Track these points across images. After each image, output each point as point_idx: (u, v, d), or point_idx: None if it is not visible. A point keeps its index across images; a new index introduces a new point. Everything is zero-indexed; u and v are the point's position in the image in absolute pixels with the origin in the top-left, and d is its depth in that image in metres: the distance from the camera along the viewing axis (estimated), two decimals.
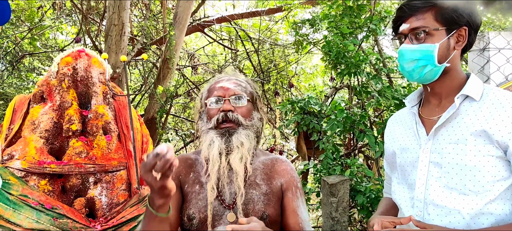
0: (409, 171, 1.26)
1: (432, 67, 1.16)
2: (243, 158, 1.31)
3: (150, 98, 4.85)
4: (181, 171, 1.41)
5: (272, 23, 7.19)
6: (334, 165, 3.29)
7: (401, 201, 1.27)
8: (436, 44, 1.15)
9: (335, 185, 2.95)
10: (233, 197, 1.31)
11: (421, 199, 1.19)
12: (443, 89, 1.22)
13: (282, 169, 1.43)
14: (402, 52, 1.21)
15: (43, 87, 2.83)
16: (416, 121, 1.28)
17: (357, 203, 3.20)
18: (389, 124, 1.45)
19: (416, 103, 1.33)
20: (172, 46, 4.50)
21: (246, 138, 1.33)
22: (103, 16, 5.07)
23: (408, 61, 1.19)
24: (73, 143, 2.69)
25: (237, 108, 1.36)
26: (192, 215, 1.31)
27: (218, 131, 1.33)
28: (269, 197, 1.35)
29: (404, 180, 1.28)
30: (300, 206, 1.38)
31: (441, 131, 1.19)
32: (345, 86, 4.19)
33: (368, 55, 3.33)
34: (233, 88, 1.38)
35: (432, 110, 1.26)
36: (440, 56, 1.16)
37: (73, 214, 2.50)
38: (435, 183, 1.17)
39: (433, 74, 1.18)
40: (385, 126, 3.25)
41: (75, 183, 2.64)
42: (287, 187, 1.39)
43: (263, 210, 1.32)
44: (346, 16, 3.18)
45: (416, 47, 1.17)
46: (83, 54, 2.87)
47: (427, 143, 1.21)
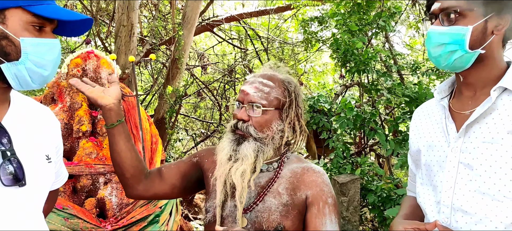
0: (435, 171, 1.12)
1: (463, 53, 1.02)
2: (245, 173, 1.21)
3: (160, 98, 4.87)
4: (207, 158, 1.40)
5: (281, 22, 7.16)
6: (345, 164, 3.26)
7: (426, 205, 1.14)
8: (469, 27, 1.00)
9: (345, 184, 2.92)
10: (251, 202, 1.26)
11: (448, 204, 1.06)
12: (478, 79, 1.07)
13: (311, 180, 1.27)
14: (429, 35, 1.08)
15: (54, 88, 2.86)
16: (445, 115, 1.13)
17: (368, 202, 3.17)
18: (415, 117, 1.29)
19: (446, 94, 1.17)
20: (181, 46, 4.51)
21: (253, 151, 1.23)
22: (113, 17, 5.11)
23: (434, 45, 1.06)
24: (83, 144, 2.72)
25: (252, 117, 1.25)
26: (208, 208, 1.31)
27: (233, 136, 1.29)
28: (288, 209, 1.23)
29: (429, 181, 1.15)
30: (326, 224, 1.21)
31: (473, 127, 1.04)
32: (355, 84, 4.14)
33: (377, 52, 3.28)
34: (252, 94, 1.26)
35: (464, 103, 1.11)
36: (474, 40, 1.01)
37: (84, 215, 2.52)
38: (464, 186, 1.04)
39: (464, 61, 1.04)
40: (396, 124, 3.22)
41: (86, 184, 2.66)
42: (312, 201, 1.23)
43: (279, 221, 1.22)
44: (355, 13, 3.14)
45: (445, 30, 1.03)
46: (92, 55, 2.89)
47: (457, 141, 1.07)
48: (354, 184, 2.93)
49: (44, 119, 1.18)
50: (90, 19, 1.11)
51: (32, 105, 1.17)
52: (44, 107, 1.23)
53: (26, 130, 1.08)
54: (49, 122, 1.20)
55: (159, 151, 3.17)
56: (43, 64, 1.01)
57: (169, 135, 4.66)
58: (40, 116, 1.17)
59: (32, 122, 1.12)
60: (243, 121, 1.26)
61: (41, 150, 1.11)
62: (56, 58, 1.05)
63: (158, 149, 3.14)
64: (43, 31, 1.02)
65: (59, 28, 1.09)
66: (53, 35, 1.06)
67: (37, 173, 1.07)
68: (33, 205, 1.07)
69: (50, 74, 1.05)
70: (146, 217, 2.67)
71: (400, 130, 3.28)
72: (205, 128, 7.34)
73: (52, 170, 1.14)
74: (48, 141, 1.15)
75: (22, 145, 1.05)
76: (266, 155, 1.27)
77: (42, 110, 1.20)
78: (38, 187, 1.08)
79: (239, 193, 1.21)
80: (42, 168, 1.10)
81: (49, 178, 1.13)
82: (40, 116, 1.17)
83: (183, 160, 1.45)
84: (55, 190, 1.34)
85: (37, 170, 1.07)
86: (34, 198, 1.07)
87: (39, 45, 1.00)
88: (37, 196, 1.08)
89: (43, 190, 1.11)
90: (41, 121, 1.16)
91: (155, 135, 3.17)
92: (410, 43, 6.09)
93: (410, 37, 6.17)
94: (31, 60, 0.99)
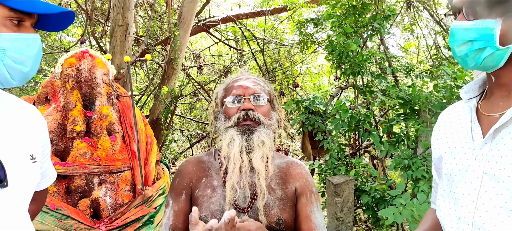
0: (457, 182, 0.97)
1: (493, 50, 0.89)
2: (264, 157, 1.28)
3: (155, 98, 4.86)
4: (193, 177, 1.38)
5: (277, 23, 7.18)
6: (339, 165, 3.28)
7: (446, 221, 1.00)
8: (498, 20, 0.87)
9: (340, 185, 2.93)
10: (248, 201, 1.29)
11: (469, 221, 0.91)
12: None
13: (297, 173, 1.39)
14: (452, 32, 0.95)
15: (47, 88, 2.85)
16: (472, 118, 0.99)
17: (362, 203, 3.18)
18: (440, 120, 1.15)
19: (476, 95, 1.04)
20: (176, 46, 4.51)
21: (267, 136, 1.30)
22: (108, 17, 5.09)
23: (459, 42, 0.94)
24: (78, 144, 2.71)
25: (257, 107, 1.33)
26: (204, 218, 1.28)
27: (239, 129, 1.30)
28: (284, 202, 1.32)
29: (450, 193, 1.00)
30: (314, 211, 1.34)
31: (502, 132, 0.90)
32: (350, 86, 4.16)
33: (371, 54, 3.30)
34: (253, 87, 1.35)
35: (495, 104, 0.97)
36: (505, 36, 0.88)
37: (78, 215, 2.51)
38: (489, 201, 0.88)
39: (495, 60, 0.90)
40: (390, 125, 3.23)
41: (80, 184, 2.65)
42: (301, 191, 1.35)
43: (279, 215, 1.29)
44: (350, 15, 3.15)
45: (470, 25, 0.91)
46: (87, 55, 2.88)
47: (483, 148, 0.92)
48: (348, 185, 2.94)
49: (29, 118, 1.15)
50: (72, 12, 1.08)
51: (16, 104, 1.14)
52: (29, 105, 1.20)
53: (9, 129, 1.06)
54: (35, 121, 1.17)
55: (154, 151, 3.16)
56: (22, 60, 0.99)
57: (164, 135, 4.65)
58: (24, 115, 1.14)
59: (15, 121, 1.10)
60: (251, 110, 1.31)
61: (25, 149, 1.08)
62: (36, 54, 1.03)
63: (153, 150, 3.14)
64: (22, 26, 1.00)
65: (41, 23, 1.06)
66: (33, 30, 1.03)
67: (21, 173, 1.05)
68: (17, 206, 1.04)
69: (31, 70, 1.02)
70: (141, 218, 2.66)
71: (394, 131, 3.30)
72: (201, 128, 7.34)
73: (37, 170, 1.12)
74: (33, 140, 1.13)
75: (4, 145, 1.02)
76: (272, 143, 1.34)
77: (27, 109, 1.17)
78: (22, 188, 1.05)
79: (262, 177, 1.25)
80: (26, 168, 1.07)
81: (33, 178, 1.11)
82: (25, 115, 1.14)
83: (179, 209, 1.35)
84: (43, 190, 1.32)
85: (21, 170, 1.05)
86: (18, 199, 1.04)
87: (18, 41, 0.98)
88: (20, 197, 1.06)
89: (27, 191, 1.09)
90: (26, 120, 1.13)
91: (150, 136, 3.16)
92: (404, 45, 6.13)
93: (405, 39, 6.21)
94: (9, 56, 0.97)
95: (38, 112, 1.22)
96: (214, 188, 1.33)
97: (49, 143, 1.27)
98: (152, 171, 3.03)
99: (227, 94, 1.38)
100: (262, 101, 1.34)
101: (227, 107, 1.35)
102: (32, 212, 1.30)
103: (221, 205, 1.29)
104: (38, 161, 1.13)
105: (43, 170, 1.24)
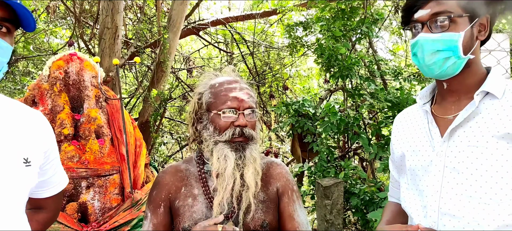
0: (420, 176, 1.13)
1: (456, 59, 1.03)
2: (255, 173, 1.27)
3: (144, 101, 4.83)
4: (171, 188, 1.33)
5: (267, 26, 7.21)
6: (328, 168, 3.29)
7: (412, 210, 1.15)
8: (460, 33, 1.02)
9: (329, 187, 2.95)
10: (231, 207, 1.27)
11: (435, 209, 1.06)
12: (462, 85, 1.09)
13: (277, 173, 1.38)
14: (421, 43, 1.06)
15: (35, 91, 2.82)
16: (429, 120, 1.15)
17: (351, 205, 3.20)
18: (396, 123, 1.30)
19: (428, 100, 1.19)
20: (166, 49, 4.49)
21: (257, 153, 1.29)
22: (97, 19, 5.05)
23: (429, 52, 1.05)
24: (65, 147, 2.68)
25: (249, 122, 1.29)
26: (187, 228, 1.26)
27: (231, 146, 1.26)
28: (267, 204, 1.31)
29: (414, 186, 1.16)
30: (297, 209, 1.34)
31: (457, 132, 1.06)
32: (339, 89, 4.19)
33: (360, 57, 3.34)
34: (247, 100, 1.30)
35: (447, 108, 1.13)
36: (464, 47, 1.03)
37: (65, 219, 2.48)
38: (451, 190, 1.04)
39: (456, 68, 1.05)
40: (379, 128, 3.26)
41: (67, 188, 2.62)
42: (283, 191, 1.35)
43: (263, 219, 1.28)
44: (339, 19, 3.18)
45: (438, 36, 1.03)
46: (75, 58, 2.86)
47: (442, 146, 1.08)
48: (338, 187, 2.96)
49: (28, 122, 1.14)
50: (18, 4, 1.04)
51: (16, 108, 1.13)
52: (34, 111, 1.18)
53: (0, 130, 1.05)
54: (36, 126, 1.16)
55: (143, 154, 3.15)
56: None
57: (153, 138, 4.62)
58: (23, 119, 1.13)
59: (10, 123, 1.08)
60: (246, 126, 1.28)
61: (17, 153, 1.07)
62: None
63: (142, 153, 3.12)
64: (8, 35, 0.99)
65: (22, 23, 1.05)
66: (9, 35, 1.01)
67: (9, 176, 1.03)
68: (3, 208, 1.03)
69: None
70: (130, 222, 2.64)
71: (383, 134, 3.33)
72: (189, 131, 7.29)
73: (31, 174, 1.10)
74: (29, 144, 1.11)
75: None
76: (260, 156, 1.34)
77: (30, 114, 1.16)
78: (9, 191, 1.04)
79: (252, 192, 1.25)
80: (16, 171, 1.05)
81: (25, 182, 1.08)
82: (24, 119, 1.13)
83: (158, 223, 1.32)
84: (52, 197, 1.28)
85: (9, 173, 1.03)
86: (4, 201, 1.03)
87: None
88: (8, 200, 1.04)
89: (16, 194, 1.06)
90: (24, 124, 1.12)
91: (139, 139, 3.14)
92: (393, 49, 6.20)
93: (393, 43, 6.28)
94: None
95: (43, 118, 1.21)
96: (195, 197, 1.30)
97: (57, 149, 1.25)
98: (141, 174, 3.01)
99: (218, 102, 1.29)
100: (254, 116, 1.31)
101: (219, 118, 1.28)
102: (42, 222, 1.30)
103: (204, 213, 1.27)
104: (35, 166, 1.12)
105: (48, 176, 1.22)
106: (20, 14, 1.02)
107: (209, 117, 1.31)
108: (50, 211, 1.33)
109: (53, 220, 1.37)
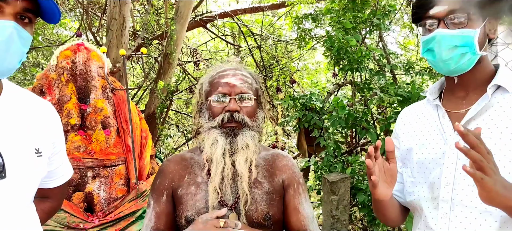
0: (431, 168, 1.15)
1: (472, 55, 1.06)
2: (247, 160, 1.24)
3: (151, 93, 4.82)
4: (175, 176, 1.33)
5: (275, 19, 7.14)
6: (335, 163, 3.25)
7: (422, 202, 1.16)
8: (477, 30, 1.05)
9: (335, 182, 2.91)
10: (235, 198, 1.25)
11: (448, 200, 1.08)
12: (473, 80, 1.12)
13: (283, 164, 1.35)
14: (438, 39, 1.08)
15: (43, 81, 2.81)
16: (440, 115, 1.18)
17: (358, 201, 3.16)
18: (402, 118, 1.33)
19: (437, 96, 1.23)
20: (173, 41, 4.47)
21: (251, 139, 1.26)
22: (105, 10, 5.04)
23: (446, 48, 1.07)
24: (72, 137, 2.67)
25: (243, 108, 1.27)
26: (190, 217, 1.24)
27: (222, 131, 1.25)
28: (272, 196, 1.28)
29: (423, 179, 1.17)
30: (302, 202, 1.31)
31: (470, 125, 1.08)
32: (348, 83, 4.14)
33: (370, 50, 3.28)
34: (240, 86, 1.28)
35: (457, 103, 1.16)
36: (479, 43, 1.06)
37: (71, 208, 2.48)
38: (463, 181, 1.06)
39: (470, 63, 1.08)
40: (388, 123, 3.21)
41: (74, 178, 2.62)
42: (288, 183, 1.32)
43: (267, 211, 1.25)
44: (349, 11, 3.12)
45: (456, 32, 1.05)
46: (82, 48, 2.84)
47: (456, 138, 1.09)
48: (344, 183, 2.92)
49: (39, 112, 1.14)
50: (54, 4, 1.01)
51: (27, 98, 1.13)
52: (43, 101, 1.18)
53: (14, 121, 1.05)
54: (46, 117, 1.16)
55: (149, 146, 3.14)
56: None
57: (159, 130, 4.62)
58: (35, 109, 1.13)
59: (22, 114, 1.08)
60: (237, 111, 1.25)
61: (30, 143, 1.07)
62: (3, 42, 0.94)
63: (147, 144, 3.11)
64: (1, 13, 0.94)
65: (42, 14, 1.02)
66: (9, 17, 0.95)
67: (22, 166, 1.03)
68: (16, 197, 1.03)
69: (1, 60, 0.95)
70: (135, 212, 2.64)
71: (391, 129, 3.28)
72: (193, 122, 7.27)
73: (42, 164, 1.10)
74: (40, 135, 1.11)
75: (7, 136, 1.00)
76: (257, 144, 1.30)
77: (39, 104, 1.15)
78: (22, 181, 1.04)
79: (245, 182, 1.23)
80: (29, 161, 1.05)
81: (37, 172, 1.08)
82: (35, 109, 1.13)
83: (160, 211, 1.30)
84: (58, 188, 1.29)
85: (22, 163, 1.03)
86: (17, 191, 1.03)
87: None
88: (20, 190, 1.04)
89: (28, 184, 1.07)
90: (35, 114, 1.12)
91: (145, 130, 3.14)
92: (404, 43, 6.11)
93: (404, 37, 6.19)
94: None
95: (52, 108, 1.21)
96: (198, 185, 1.29)
97: (63, 140, 1.25)
98: (146, 165, 3.00)
99: (212, 90, 1.30)
100: (249, 102, 1.29)
101: (212, 105, 1.28)
102: (47, 211, 1.30)
103: (207, 202, 1.25)
104: (45, 156, 1.12)
105: (55, 167, 1.22)
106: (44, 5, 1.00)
107: (206, 106, 1.32)
108: (55, 201, 1.33)
109: (58, 209, 1.37)
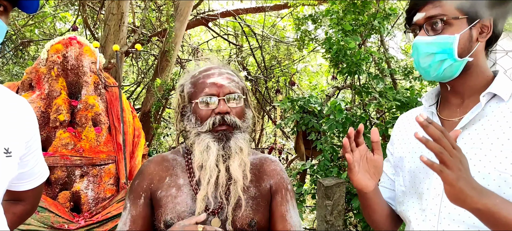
0: (421, 178, 1.10)
1: (452, 62, 1.02)
2: (241, 164, 1.18)
3: (148, 91, 4.76)
4: (154, 178, 1.25)
5: (278, 20, 7.07)
6: (331, 167, 3.18)
7: (410, 213, 1.12)
8: (456, 35, 1.01)
9: (330, 187, 2.84)
10: (218, 202, 1.18)
11: (436, 212, 1.04)
12: (466, 87, 1.08)
13: (271, 169, 1.29)
14: (416, 46, 1.07)
15: (32, 74, 2.75)
16: None
17: (353, 207, 3.09)
18: (399, 124, 1.30)
19: (433, 102, 1.18)
20: (171, 38, 4.40)
21: (244, 142, 1.20)
22: (102, 4, 4.98)
23: (423, 55, 1.05)
24: (60, 134, 2.61)
25: (232, 108, 1.20)
26: (170, 221, 1.17)
27: (214, 135, 1.18)
28: (258, 202, 1.21)
29: (413, 189, 1.13)
30: (290, 210, 1.25)
31: (462, 134, 1.04)
32: (347, 86, 4.06)
33: (370, 54, 3.20)
34: (228, 85, 1.20)
35: (452, 111, 1.12)
36: (461, 49, 1.02)
37: (56, 208, 2.41)
38: None
39: (453, 70, 1.04)
40: (385, 128, 3.13)
41: (60, 176, 2.55)
42: (276, 189, 1.26)
43: (252, 217, 1.19)
44: (349, 13, 3.05)
45: (432, 39, 1.03)
46: (74, 42, 2.78)
47: None
48: (340, 188, 2.84)
49: (12, 110, 1.07)
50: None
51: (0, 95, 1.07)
52: (18, 98, 1.12)
53: None
54: (19, 114, 1.09)
55: (141, 145, 3.07)
56: None
57: (154, 129, 4.55)
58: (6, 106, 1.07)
59: None
60: (228, 113, 1.19)
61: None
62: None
63: (140, 143, 3.05)
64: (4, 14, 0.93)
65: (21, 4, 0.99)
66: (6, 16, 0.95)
67: None
68: None
69: None
70: None
71: (389, 134, 3.20)
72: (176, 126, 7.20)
73: (11, 165, 1.04)
74: (11, 133, 1.05)
75: None
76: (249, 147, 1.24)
77: (12, 101, 1.09)
78: None
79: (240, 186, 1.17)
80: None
81: (4, 173, 1.03)
82: (7, 106, 1.07)
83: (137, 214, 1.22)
84: (33, 190, 1.22)
85: None
86: None
87: None
88: None
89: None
90: (6, 112, 1.06)
91: (138, 129, 3.07)
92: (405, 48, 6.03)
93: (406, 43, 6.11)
94: None
95: (28, 105, 1.14)
96: (179, 187, 1.21)
97: (39, 139, 1.19)
98: (138, 165, 2.93)
99: (197, 91, 1.21)
100: (238, 102, 1.21)
101: (199, 108, 1.20)
102: (19, 214, 1.24)
103: (188, 206, 1.17)
104: (16, 157, 1.06)
105: (28, 168, 1.16)
106: None
107: (191, 108, 1.23)
108: (29, 204, 1.26)
109: (32, 212, 1.30)
